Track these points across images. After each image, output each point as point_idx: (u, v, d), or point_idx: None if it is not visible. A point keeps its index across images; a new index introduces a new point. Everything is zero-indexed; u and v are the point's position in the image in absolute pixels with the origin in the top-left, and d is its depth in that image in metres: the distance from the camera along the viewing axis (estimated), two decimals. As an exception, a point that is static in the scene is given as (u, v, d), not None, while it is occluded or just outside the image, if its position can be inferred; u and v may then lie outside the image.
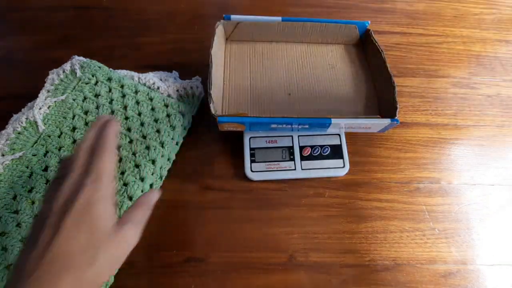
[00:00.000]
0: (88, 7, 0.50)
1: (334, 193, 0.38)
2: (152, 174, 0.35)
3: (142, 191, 0.34)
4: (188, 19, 0.50)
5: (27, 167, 0.34)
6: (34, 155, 0.34)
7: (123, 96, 0.39)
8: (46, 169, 0.34)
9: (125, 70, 0.43)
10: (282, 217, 0.36)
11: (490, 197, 0.39)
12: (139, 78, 0.41)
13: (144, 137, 0.36)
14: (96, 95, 0.39)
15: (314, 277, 0.33)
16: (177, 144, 0.38)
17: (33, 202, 0.32)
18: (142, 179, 0.34)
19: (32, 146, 0.35)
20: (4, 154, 0.34)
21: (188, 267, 0.33)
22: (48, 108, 0.37)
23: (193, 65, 0.44)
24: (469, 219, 0.37)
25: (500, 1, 0.55)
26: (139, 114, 0.38)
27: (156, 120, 0.37)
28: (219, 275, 0.33)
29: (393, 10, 0.53)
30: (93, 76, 0.39)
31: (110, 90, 0.39)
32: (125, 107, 0.38)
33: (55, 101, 0.37)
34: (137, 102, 0.38)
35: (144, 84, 0.40)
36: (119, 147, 0.35)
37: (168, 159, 0.37)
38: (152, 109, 0.38)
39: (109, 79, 0.39)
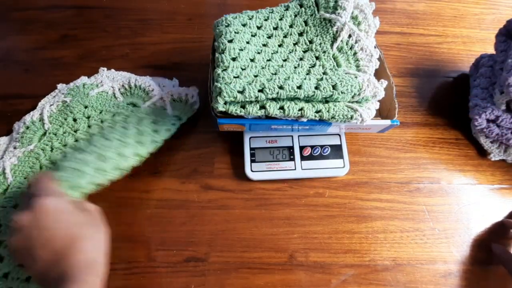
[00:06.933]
0: (88, 7, 0.50)
1: (334, 193, 0.38)
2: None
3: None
4: (188, 19, 0.50)
5: (37, 159, 0.36)
6: (42, 150, 0.36)
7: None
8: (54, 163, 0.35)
9: (124, 72, 0.43)
10: (282, 217, 0.36)
11: (490, 197, 0.39)
12: (136, 80, 0.41)
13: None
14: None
15: (314, 277, 0.33)
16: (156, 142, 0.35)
17: None
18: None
19: (39, 141, 0.37)
20: (16, 147, 0.36)
21: (188, 267, 0.33)
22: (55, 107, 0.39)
23: (193, 65, 0.44)
24: (469, 219, 0.37)
25: (500, 1, 0.55)
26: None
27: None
28: (219, 275, 0.33)
29: (393, 10, 0.53)
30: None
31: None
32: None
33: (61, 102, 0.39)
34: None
35: (140, 86, 0.41)
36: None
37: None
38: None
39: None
